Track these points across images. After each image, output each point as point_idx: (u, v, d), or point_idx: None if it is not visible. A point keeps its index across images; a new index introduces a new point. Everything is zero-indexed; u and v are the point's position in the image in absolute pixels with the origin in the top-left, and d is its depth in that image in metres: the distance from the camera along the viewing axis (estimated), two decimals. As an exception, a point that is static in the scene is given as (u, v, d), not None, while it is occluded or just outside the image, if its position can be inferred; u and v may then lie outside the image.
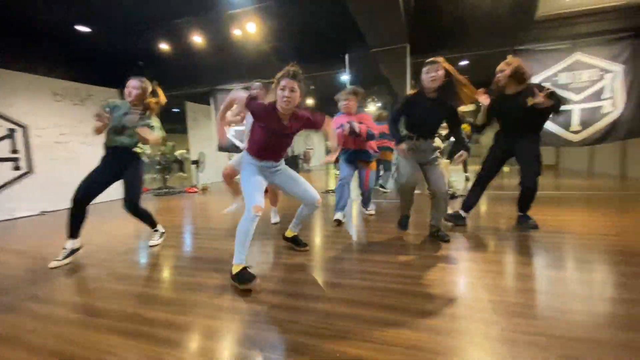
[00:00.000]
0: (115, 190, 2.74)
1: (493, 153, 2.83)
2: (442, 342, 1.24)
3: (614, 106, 4.20)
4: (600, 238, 2.43)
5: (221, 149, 6.56)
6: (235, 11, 4.28)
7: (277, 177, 2.14)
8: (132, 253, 2.58)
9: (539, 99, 2.37)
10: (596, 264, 1.95)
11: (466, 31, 4.27)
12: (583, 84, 4.30)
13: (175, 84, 6.47)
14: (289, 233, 2.47)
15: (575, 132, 4.38)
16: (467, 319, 1.39)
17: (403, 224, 2.82)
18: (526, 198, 2.74)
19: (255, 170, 2.04)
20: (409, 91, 4.94)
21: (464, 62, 5.60)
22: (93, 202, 2.47)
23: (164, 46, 5.06)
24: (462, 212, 2.93)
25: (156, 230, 2.88)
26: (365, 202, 3.63)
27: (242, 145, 6.27)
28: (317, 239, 2.79)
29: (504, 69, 2.61)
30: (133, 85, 2.59)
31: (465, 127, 6.02)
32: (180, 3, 4.20)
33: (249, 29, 4.44)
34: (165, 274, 2.13)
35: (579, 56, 4.32)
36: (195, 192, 6.68)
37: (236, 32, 4.58)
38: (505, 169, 7.97)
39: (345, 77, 7.17)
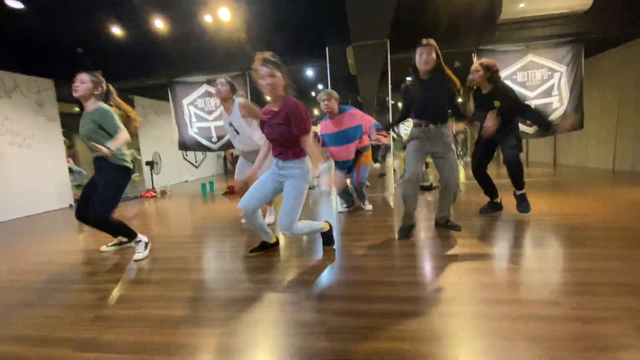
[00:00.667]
0: (47, 201, 2.31)
1: (479, 144, 3.00)
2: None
3: (560, 102, 4.80)
4: (568, 217, 2.76)
5: (184, 147, 5.99)
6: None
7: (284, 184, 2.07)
8: (117, 270, 2.19)
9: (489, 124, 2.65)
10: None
11: (438, 31, 4.48)
12: (536, 82, 4.83)
13: (123, 74, 5.70)
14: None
15: (530, 125, 4.91)
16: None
17: (406, 231, 2.55)
18: (512, 174, 2.84)
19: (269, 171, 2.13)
20: (389, 86, 5.05)
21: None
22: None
23: (115, 30, 4.40)
24: (494, 200, 3.05)
25: (138, 241, 2.49)
26: (361, 198, 3.62)
27: (215, 146, 5.86)
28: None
29: (478, 69, 2.78)
30: (81, 79, 2.29)
31: None
32: None
33: (221, 16, 4.08)
34: (186, 292, 1.83)
35: (531, 57, 4.85)
36: (154, 196, 6.02)
37: (206, 19, 4.17)
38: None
39: (310, 72, 7.12)
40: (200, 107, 5.77)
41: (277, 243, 2.40)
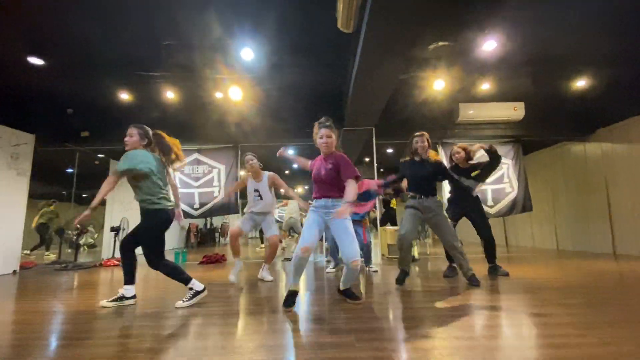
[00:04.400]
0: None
1: (452, 214, 3.57)
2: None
3: (511, 188, 5.71)
4: (545, 280, 3.13)
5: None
6: (220, 76, 4.42)
7: (332, 222, 2.26)
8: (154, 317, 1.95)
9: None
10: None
11: (410, 125, 5.40)
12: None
13: (108, 137, 5.68)
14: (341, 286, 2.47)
15: (490, 207, 5.66)
16: None
17: (401, 279, 2.97)
18: (489, 248, 3.52)
19: (313, 215, 2.33)
20: (375, 165, 5.65)
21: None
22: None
23: (124, 96, 4.62)
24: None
25: (191, 289, 2.45)
26: (367, 259, 3.73)
27: (196, 213, 5.73)
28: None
29: (459, 151, 3.60)
30: (130, 133, 2.54)
31: (394, 203, 6.98)
32: (156, 55, 4.11)
33: (231, 95, 4.55)
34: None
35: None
36: (117, 265, 5.42)
37: (217, 95, 4.62)
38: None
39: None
40: (187, 174, 5.81)
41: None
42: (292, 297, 2.27)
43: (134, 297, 2.51)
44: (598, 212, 5.83)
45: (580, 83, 4.63)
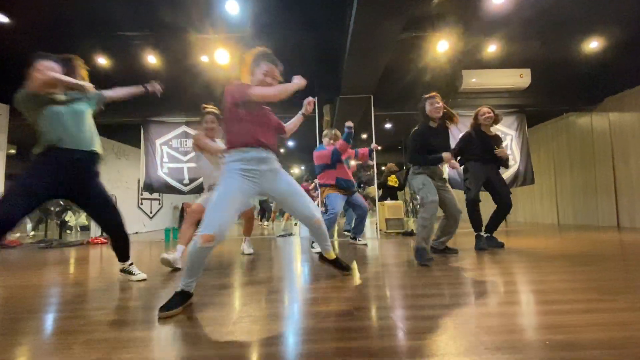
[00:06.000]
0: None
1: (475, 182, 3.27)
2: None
3: (514, 160, 5.50)
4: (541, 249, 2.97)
5: (150, 188, 5.49)
6: (204, 36, 4.05)
7: (270, 182, 1.72)
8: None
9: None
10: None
11: (412, 94, 5.09)
12: (493, 142, 5.54)
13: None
14: (329, 255, 2.10)
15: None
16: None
17: (429, 257, 2.47)
18: (501, 217, 3.25)
19: (232, 180, 1.58)
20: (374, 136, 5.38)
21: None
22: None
23: (101, 61, 4.25)
24: (484, 234, 3.21)
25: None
26: (360, 230, 3.54)
27: (186, 189, 5.47)
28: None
29: (489, 111, 3.21)
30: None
31: (392, 180, 6.77)
32: (139, 14, 3.75)
33: (217, 58, 4.19)
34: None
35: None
36: (104, 243, 5.21)
37: (197, 59, 4.26)
38: None
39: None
40: (175, 147, 5.51)
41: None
42: (180, 299, 1.49)
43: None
44: (603, 186, 5.66)
45: (593, 45, 4.33)
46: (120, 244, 2.09)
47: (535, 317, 1.31)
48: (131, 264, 2.16)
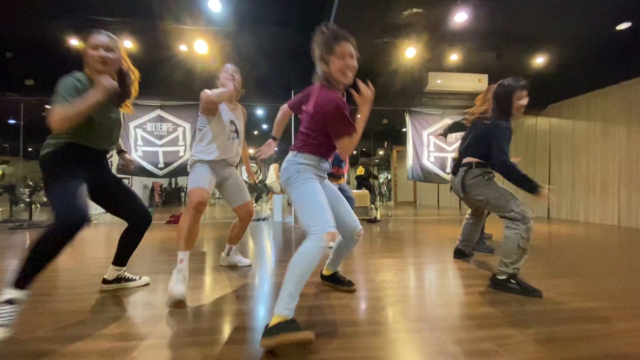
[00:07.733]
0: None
1: None
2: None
3: (468, 157, 6.13)
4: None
5: (122, 171, 5.51)
6: (184, 27, 4.11)
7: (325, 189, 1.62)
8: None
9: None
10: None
11: (380, 92, 5.46)
12: (453, 139, 6.12)
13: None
14: (326, 271, 1.99)
15: (448, 174, 6.09)
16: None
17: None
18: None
19: (316, 182, 1.51)
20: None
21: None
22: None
23: (73, 42, 4.17)
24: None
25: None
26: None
27: (161, 172, 5.52)
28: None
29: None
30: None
31: (360, 170, 7.20)
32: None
33: (196, 48, 4.28)
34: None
35: (447, 120, 6.17)
36: (77, 223, 5.24)
37: (181, 48, 4.32)
38: None
39: (260, 111, 7.54)
40: (149, 131, 5.54)
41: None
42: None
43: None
44: (539, 181, 6.45)
45: (539, 60, 4.90)
46: (140, 238, 1.87)
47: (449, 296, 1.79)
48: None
